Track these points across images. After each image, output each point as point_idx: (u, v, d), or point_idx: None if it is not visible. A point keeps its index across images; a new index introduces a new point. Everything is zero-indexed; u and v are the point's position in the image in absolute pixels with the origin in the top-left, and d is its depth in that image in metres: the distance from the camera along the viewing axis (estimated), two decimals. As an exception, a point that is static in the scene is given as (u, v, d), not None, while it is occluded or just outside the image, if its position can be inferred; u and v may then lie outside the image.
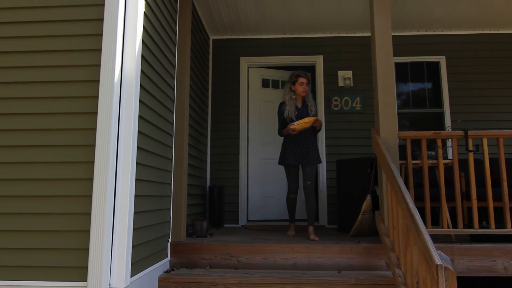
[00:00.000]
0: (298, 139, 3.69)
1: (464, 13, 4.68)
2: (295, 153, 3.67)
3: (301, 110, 3.76)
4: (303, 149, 3.67)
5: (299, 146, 3.68)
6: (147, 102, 2.70)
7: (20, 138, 2.35)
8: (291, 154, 3.68)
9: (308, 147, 3.67)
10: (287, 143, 3.75)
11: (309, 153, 3.65)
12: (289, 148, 3.71)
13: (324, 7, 4.51)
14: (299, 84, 3.71)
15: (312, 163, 3.64)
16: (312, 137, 3.75)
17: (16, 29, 2.45)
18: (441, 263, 1.89)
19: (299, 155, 3.66)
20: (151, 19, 2.80)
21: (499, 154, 3.19)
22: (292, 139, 3.71)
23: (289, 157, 3.67)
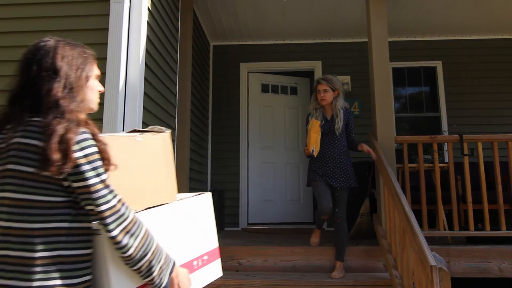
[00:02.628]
0: (324, 153, 3.09)
1: (460, 19, 4.77)
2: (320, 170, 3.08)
3: (329, 122, 3.13)
4: (329, 168, 3.07)
5: (325, 163, 3.09)
6: (150, 108, 2.78)
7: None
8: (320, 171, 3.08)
9: (335, 166, 3.06)
10: (313, 159, 3.17)
11: (336, 174, 3.05)
12: (314, 165, 3.14)
13: (322, 14, 4.60)
14: (317, 92, 3.15)
15: (340, 186, 3.04)
16: (343, 154, 3.09)
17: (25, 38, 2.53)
18: (435, 264, 1.96)
19: (325, 175, 3.07)
20: (153, 27, 2.88)
21: (494, 157, 3.26)
22: (317, 154, 3.09)
23: (318, 174, 3.08)
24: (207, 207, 1.50)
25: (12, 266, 0.98)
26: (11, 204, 1.01)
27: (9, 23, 2.57)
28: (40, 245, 0.99)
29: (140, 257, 1.07)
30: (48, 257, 0.99)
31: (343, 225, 3.04)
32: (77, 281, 1.03)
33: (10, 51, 2.53)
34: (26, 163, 1.00)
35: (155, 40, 2.90)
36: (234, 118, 5.29)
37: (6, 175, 1.02)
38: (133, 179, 1.23)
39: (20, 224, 0.99)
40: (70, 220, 1.04)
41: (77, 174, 1.01)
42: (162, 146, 1.36)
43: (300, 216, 5.36)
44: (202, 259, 1.43)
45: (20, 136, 1.02)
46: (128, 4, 2.54)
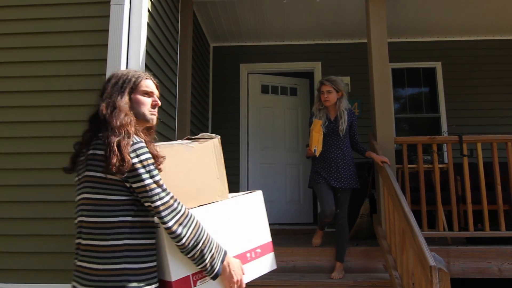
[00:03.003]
0: (326, 154, 3.08)
1: (460, 20, 4.78)
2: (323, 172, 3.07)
3: (333, 123, 3.10)
4: (332, 169, 3.06)
5: (328, 164, 3.08)
6: (150, 109, 2.79)
7: (28, 145, 2.43)
8: (323, 172, 3.07)
9: (338, 167, 3.05)
10: (315, 160, 3.16)
11: (340, 175, 3.03)
12: (317, 166, 3.13)
13: (322, 16, 4.61)
14: (321, 93, 3.11)
15: (342, 187, 3.03)
16: (346, 155, 3.08)
17: (26, 39, 2.54)
18: (435, 264, 1.97)
19: (328, 176, 3.05)
20: (154, 29, 2.89)
21: (493, 158, 3.27)
22: (320, 155, 3.08)
23: (321, 176, 3.06)
24: (258, 204, 1.69)
25: (94, 252, 1.21)
26: (89, 203, 1.25)
27: (10, 25, 2.57)
28: (110, 235, 1.22)
29: (193, 245, 1.26)
30: (117, 245, 1.21)
31: (344, 226, 3.02)
32: (141, 266, 1.23)
33: (11, 53, 2.54)
34: (97, 170, 1.24)
35: (155, 41, 2.91)
36: (234, 119, 5.29)
37: (84, 180, 1.28)
38: (188, 180, 1.44)
39: (96, 219, 1.23)
40: (133, 215, 1.25)
41: (134, 176, 1.23)
42: (212, 150, 1.58)
43: (300, 217, 5.36)
44: (255, 251, 1.57)
45: (92, 148, 1.27)
46: (128, 6, 2.55)
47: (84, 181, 1.28)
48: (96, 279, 1.20)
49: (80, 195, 1.30)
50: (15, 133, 2.46)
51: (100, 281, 1.20)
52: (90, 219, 1.25)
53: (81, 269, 1.24)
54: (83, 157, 1.31)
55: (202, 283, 1.34)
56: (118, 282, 1.20)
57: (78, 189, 1.31)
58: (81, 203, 1.29)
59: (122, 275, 1.20)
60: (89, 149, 1.28)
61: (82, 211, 1.28)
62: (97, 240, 1.22)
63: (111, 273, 1.20)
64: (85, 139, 1.33)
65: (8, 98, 2.50)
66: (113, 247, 1.21)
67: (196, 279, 1.33)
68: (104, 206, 1.23)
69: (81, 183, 1.30)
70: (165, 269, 1.30)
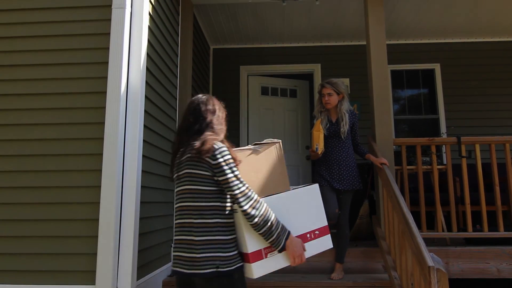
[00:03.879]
0: (329, 156, 3.09)
1: (457, 22, 4.81)
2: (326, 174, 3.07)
3: (334, 125, 3.10)
4: (335, 171, 3.06)
5: (331, 166, 3.08)
6: (151, 112, 2.81)
7: (31, 147, 2.46)
8: (325, 174, 3.07)
9: (340, 169, 3.05)
10: (318, 162, 3.16)
11: (342, 177, 3.04)
12: (319, 168, 3.13)
13: (321, 18, 4.64)
14: (322, 95, 3.13)
15: (344, 189, 3.03)
16: (349, 157, 3.09)
17: (28, 42, 2.57)
18: (433, 264, 1.99)
19: (331, 179, 3.05)
20: (154, 32, 2.91)
21: (491, 159, 3.29)
22: (322, 157, 3.09)
23: (323, 178, 3.06)
24: (315, 194, 2.06)
25: (194, 228, 1.68)
26: (190, 192, 1.73)
27: (11, 28, 2.60)
28: (208, 215, 1.69)
29: (263, 224, 1.71)
30: (213, 223, 1.69)
31: (345, 227, 3.02)
32: (228, 237, 1.70)
33: (13, 56, 2.56)
34: (194, 167, 1.73)
35: (156, 44, 2.94)
36: (234, 120, 5.31)
37: (185, 176, 1.76)
38: (258, 176, 1.91)
39: (196, 203, 1.71)
40: (221, 201, 1.73)
41: (220, 172, 1.70)
42: (275, 153, 2.06)
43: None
44: (314, 233, 1.99)
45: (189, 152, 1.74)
46: (130, 10, 2.57)
47: (184, 176, 1.76)
48: (198, 247, 1.66)
49: (182, 186, 1.77)
50: (24, 135, 2.48)
51: (202, 249, 1.65)
52: (191, 204, 1.72)
53: (183, 241, 1.71)
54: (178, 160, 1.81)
55: (271, 255, 1.79)
56: (215, 249, 1.66)
57: (179, 182, 1.79)
58: (182, 192, 1.76)
59: (217, 244, 1.67)
60: (186, 153, 1.76)
61: (184, 198, 1.75)
62: (196, 218, 1.69)
63: (209, 242, 1.66)
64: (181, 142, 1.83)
65: (10, 100, 2.52)
66: (208, 224, 1.68)
67: (266, 252, 1.78)
68: (201, 194, 1.71)
69: (181, 178, 1.77)
70: (243, 244, 1.75)
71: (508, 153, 3.29)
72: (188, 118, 1.84)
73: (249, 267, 1.74)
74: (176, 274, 1.74)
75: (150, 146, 2.77)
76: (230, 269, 1.67)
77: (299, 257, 1.80)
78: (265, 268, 1.78)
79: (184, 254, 1.69)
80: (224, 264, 1.65)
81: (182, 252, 1.70)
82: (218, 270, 1.64)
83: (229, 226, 1.73)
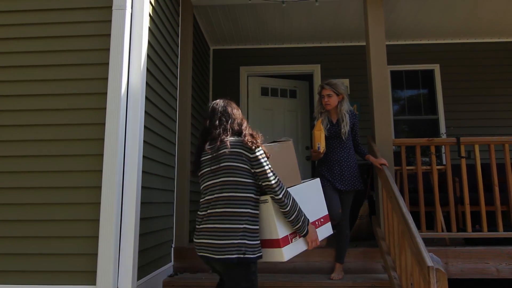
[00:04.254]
0: (330, 157, 3.09)
1: (456, 23, 4.82)
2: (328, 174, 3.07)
3: (335, 126, 3.10)
4: (336, 171, 3.07)
5: (332, 166, 3.08)
6: (152, 113, 2.82)
7: (31, 148, 2.47)
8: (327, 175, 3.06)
9: (342, 170, 3.06)
10: (320, 163, 3.18)
11: (343, 177, 3.05)
12: (321, 169, 3.13)
13: (321, 19, 4.66)
14: (321, 96, 3.13)
15: (345, 190, 3.04)
16: (350, 157, 3.10)
17: (29, 43, 2.58)
18: (432, 264, 2.00)
19: (332, 179, 3.05)
20: (155, 33, 2.92)
21: (491, 159, 3.30)
22: (323, 158, 3.10)
23: (326, 179, 3.04)
24: (318, 187, 2.36)
25: (228, 216, 1.87)
26: (229, 183, 1.90)
27: (12, 30, 2.61)
28: (242, 205, 1.88)
29: (292, 212, 1.94)
30: (244, 212, 1.88)
31: (346, 227, 3.03)
32: (254, 227, 1.90)
33: (14, 57, 2.57)
34: (234, 160, 1.92)
35: (156, 45, 2.95)
36: (234, 121, 5.32)
37: (223, 168, 1.93)
38: (279, 169, 2.06)
39: (233, 194, 1.89)
40: (254, 193, 1.93)
41: (258, 164, 1.93)
42: (289, 149, 2.29)
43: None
44: (320, 220, 2.26)
45: (225, 147, 1.93)
46: (130, 11, 2.58)
47: (222, 169, 1.93)
48: (229, 234, 1.84)
49: (218, 179, 1.93)
50: (25, 136, 2.49)
51: (232, 236, 1.83)
52: (228, 194, 1.89)
53: (215, 229, 1.87)
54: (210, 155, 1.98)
55: (295, 240, 2.02)
56: (242, 236, 1.84)
57: (213, 176, 1.95)
58: (219, 184, 1.93)
59: (245, 232, 1.86)
60: (221, 148, 1.94)
61: (221, 189, 1.92)
62: (231, 208, 1.87)
63: (238, 230, 1.85)
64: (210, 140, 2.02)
65: (11, 101, 2.53)
66: (241, 213, 1.87)
67: (291, 237, 2.01)
68: (238, 185, 1.90)
69: (216, 171, 1.94)
70: (273, 231, 1.95)
71: (507, 153, 3.30)
72: (217, 119, 2.03)
73: (280, 252, 1.94)
74: (201, 258, 1.95)
75: (150, 146, 2.78)
76: (254, 256, 1.86)
77: (315, 241, 2.06)
78: (291, 251, 2.00)
79: (212, 241, 1.87)
80: (250, 251, 1.84)
81: (210, 239, 1.88)
82: (244, 256, 1.83)
83: (256, 216, 1.93)
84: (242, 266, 1.84)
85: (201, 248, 1.93)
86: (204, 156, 2.02)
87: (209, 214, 1.91)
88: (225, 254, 1.82)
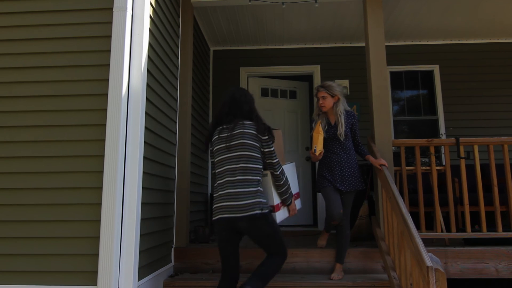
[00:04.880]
0: (330, 158, 3.14)
1: (456, 24, 4.84)
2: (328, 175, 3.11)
3: (333, 127, 3.14)
4: (336, 172, 3.11)
5: (332, 167, 3.12)
6: (152, 114, 2.83)
7: (33, 149, 2.48)
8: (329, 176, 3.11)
9: (342, 170, 3.10)
10: (320, 164, 3.21)
11: (344, 178, 3.09)
12: (322, 170, 3.17)
13: (321, 20, 4.67)
14: (318, 99, 3.19)
15: (346, 190, 3.08)
16: (350, 158, 3.13)
17: (31, 45, 2.59)
18: (431, 264, 2.01)
19: (333, 180, 3.09)
20: (155, 34, 2.94)
21: (490, 160, 3.32)
22: (324, 159, 3.15)
23: (327, 180, 3.10)
24: (294, 169, 3.00)
25: (247, 182, 2.36)
26: (244, 156, 2.40)
27: (13, 31, 2.62)
28: (255, 173, 2.40)
29: (284, 185, 2.57)
30: (256, 179, 2.39)
31: (346, 228, 3.05)
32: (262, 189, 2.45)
33: (17, 59, 2.58)
34: (249, 139, 2.42)
35: (156, 46, 2.96)
36: (234, 122, 5.34)
37: (239, 145, 2.41)
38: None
39: (248, 165, 2.39)
40: (261, 165, 2.45)
41: (267, 145, 2.48)
42: (279, 137, 2.83)
43: (300, 219, 5.39)
44: (295, 195, 2.80)
45: (242, 128, 2.44)
46: (131, 12, 2.60)
47: (238, 145, 2.41)
48: (248, 196, 2.32)
49: (234, 153, 2.41)
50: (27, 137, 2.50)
51: (250, 196, 2.32)
52: (244, 165, 2.39)
53: (236, 193, 2.33)
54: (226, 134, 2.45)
55: (283, 208, 2.65)
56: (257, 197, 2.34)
57: (228, 151, 2.42)
58: (235, 157, 2.41)
59: (258, 193, 2.36)
60: (236, 129, 2.43)
61: (237, 160, 2.40)
62: (246, 175, 2.37)
63: (254, 192, 2.34)
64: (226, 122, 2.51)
65: (13, 102, 2.55)
66: (254, 180, 2.38)
67: (281, 205, 2.63)
68: (252, 159, 2.40)
69: (232, 147, 2.42)
70: (270, 198, 2.57)
71: (507, 154, 3.31)
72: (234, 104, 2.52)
73: (274, 215, 2.56)
74: (219, 221, 2.36)
75: (151, 147, 2.79)
76: (267, 211, 2.38)
77: (294, 210, 2.71)
78: (280, 216, 2.63)
79: (235, 203, 2.32)
80: (265, 207, 2.35)
81: (232, 202, 2.33)
82: (261, 212, 2.32)
83: (261, 182, 2.45)
84: (263, 218, 2.34)
85: (223, 211, 2.34)
86: (220, 134, 2.47)
87: (228, 181, 2.38)
88: (249, 211, 2.30)
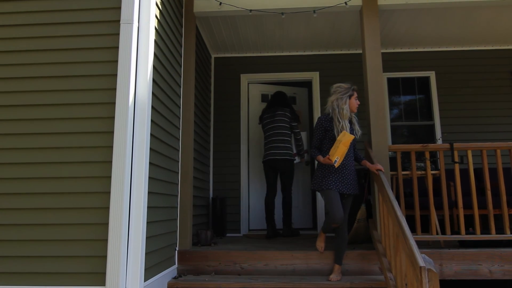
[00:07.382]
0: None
1: (451, 31, 4.96)
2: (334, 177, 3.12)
3: (350, 128, 3.20)
4: (343, 175, 3.14)
5: (339, 171, 3.14)
6: (157, 121, 2.95)
7: (42, 155, 2.59)
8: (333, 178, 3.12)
9: (348, 174, 3.15)
10: (322, 165, 3.20)
11: (348, 181, 3.14)
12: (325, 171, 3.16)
13: (319, 29, 4.80)
14: (355, 98, 3.17)
15: (349, 193, 3.15)
16: (352, 163, 3.20)
17: (42, 56, 2.71)
18: (424, 265, 2.12)
19: (338, 182, 3.12)
20: (160, 45, 3.06)
21: (483, 164, 3.42)
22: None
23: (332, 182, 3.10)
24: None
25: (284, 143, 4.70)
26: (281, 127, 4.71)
27: (25, 42, 2.74)
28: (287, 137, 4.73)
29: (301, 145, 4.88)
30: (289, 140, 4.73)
31: (344, 230, 3.14)
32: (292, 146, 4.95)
33: (30, 68, 2.70)
34: (284, 122, 4.72)
35: (161, 56, 3.08)
36: (235, 127, 5.46)
37: (278, 121, 4.71)
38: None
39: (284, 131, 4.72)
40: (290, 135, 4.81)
41: (295, 126, 4.78)
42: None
43: (299, 222, 5.49)
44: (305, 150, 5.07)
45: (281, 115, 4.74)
46: (137, 25, 2.72)
47: (277, 122, 4.68)
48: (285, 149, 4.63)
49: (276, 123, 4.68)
50: (36, 144, 2.61)
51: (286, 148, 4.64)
52: (282, 131, 4.66)
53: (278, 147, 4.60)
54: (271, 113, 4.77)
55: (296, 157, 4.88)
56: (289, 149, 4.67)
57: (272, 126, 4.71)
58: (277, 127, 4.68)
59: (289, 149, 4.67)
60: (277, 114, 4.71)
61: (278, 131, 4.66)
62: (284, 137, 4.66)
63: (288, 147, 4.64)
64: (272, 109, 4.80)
65: (24, 111, 2.66)
66: (288, 140, 4.67)
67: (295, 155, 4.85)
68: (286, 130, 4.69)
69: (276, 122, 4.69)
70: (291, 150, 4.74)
71: (500, 158, 3.41)
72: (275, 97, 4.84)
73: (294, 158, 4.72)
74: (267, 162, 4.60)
75: (156, 153, 2.91)
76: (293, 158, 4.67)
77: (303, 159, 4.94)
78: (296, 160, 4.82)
79: (277, 151, 4.55)
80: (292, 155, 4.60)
81: (276, 150, 4.57)
82: (291, 158, 4.60)
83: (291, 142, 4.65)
84: (291, 162, 4.61)
85: (271, 157, 4.59)
86: (266, 114, 4.75)
87: (273, 140, 4.62)
88: (285, 156, 4.55)
